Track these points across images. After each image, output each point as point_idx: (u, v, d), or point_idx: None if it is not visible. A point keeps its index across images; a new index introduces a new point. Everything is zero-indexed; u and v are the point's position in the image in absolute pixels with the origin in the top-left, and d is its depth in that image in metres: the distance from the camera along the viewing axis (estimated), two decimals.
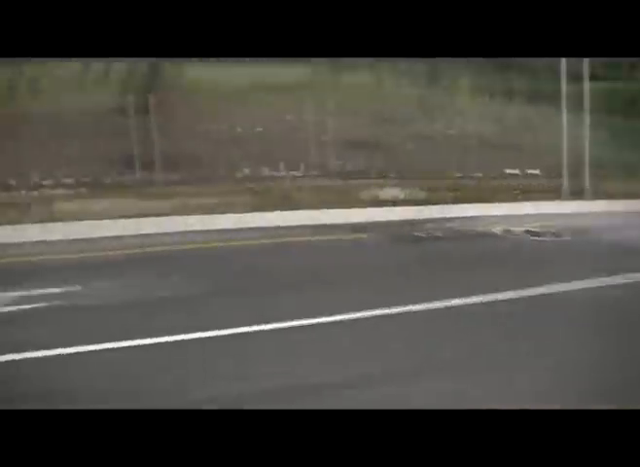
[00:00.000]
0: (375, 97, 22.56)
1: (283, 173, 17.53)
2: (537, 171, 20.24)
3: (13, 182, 15.45)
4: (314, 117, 18.08)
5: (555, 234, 13.51)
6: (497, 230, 13.99)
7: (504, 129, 23.18)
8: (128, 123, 16.70)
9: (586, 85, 20.48)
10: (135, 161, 16.18)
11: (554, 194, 19.40)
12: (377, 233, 13.13)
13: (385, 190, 16.42)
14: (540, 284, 8.37)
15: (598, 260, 10.91)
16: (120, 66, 19.68)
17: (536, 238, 13.27)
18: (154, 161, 16.62)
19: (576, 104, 23.16)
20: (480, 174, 19.90)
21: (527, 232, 13.80)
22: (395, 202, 16.02)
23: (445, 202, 16.81)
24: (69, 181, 15.92)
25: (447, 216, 15.14)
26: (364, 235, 12.87)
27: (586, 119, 24.25)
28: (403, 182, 17.40)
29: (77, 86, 20.60)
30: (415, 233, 13.29)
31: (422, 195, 16.97)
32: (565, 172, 19.42)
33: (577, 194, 19.68)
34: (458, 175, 19.40)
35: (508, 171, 20.75)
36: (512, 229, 14.05)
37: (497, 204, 17.23)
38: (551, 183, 19.85)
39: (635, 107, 31.19)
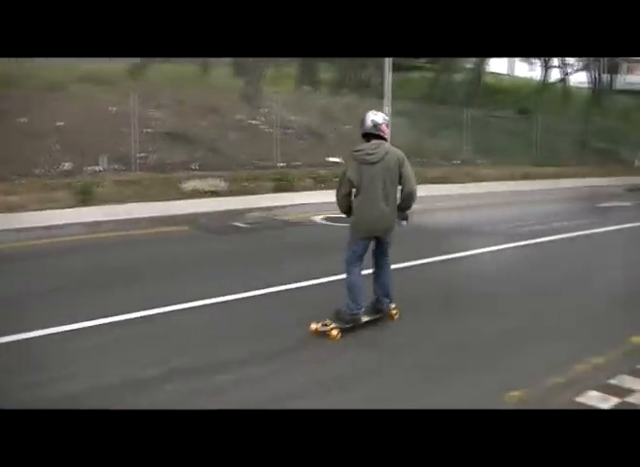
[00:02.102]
0: (200, 88, 22.73)
1: (105, 167, 17.32)
2: (339, 159, 20.96)
3: None
4: (138, 109, 18.02)
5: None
6: (317, 217, 14.54)
7: (326, 119, 23.89)
8: None
9: (391, 75, 21.38)
10: None
11: None
12: (199, 224, 13.34)
13: (207, 180, 16.56)
14: None
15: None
16: None
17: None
18: None
19: (399, 94, 24.25)
20: (303, 163, 20.34)
21: (339, 218, 14.41)
22: (217, 193, 16.22)
23: (268, 191, 17.24)
24: None
25: (270, 205, 15.55)
26: (185, 228, 13.04)
27: (410, 108, 25.63)
28: (225, 172, 17.59)
29: None
30: (237, 224, 13.62)
31: (245, 184, 17.28)
32: None
33: None
34: (281, 164, 19.77)
35: (330, 159, 21.34)
36: (331, 216, 14.65)
37: (320, 192, 17.82)
38: None
39: (453, 96, 32.94)
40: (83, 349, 6.44)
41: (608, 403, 5.41)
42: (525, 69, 53.47)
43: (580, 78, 48.05)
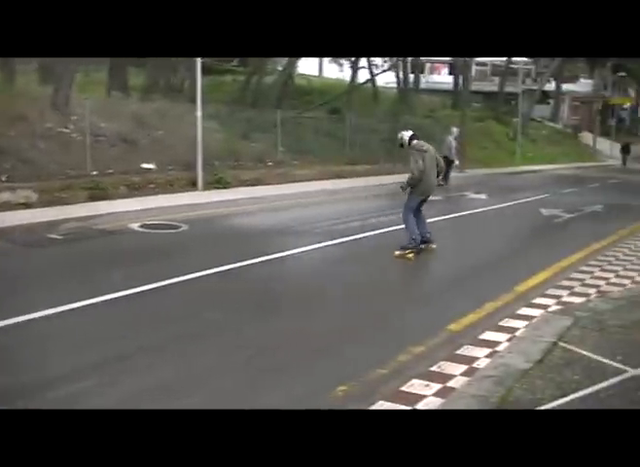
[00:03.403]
0: (5, 96, 22.10)
1: None
2: (153, 165, 21.14)
3: None
4: None
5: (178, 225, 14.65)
6: (134, 225, 14.61)
7: (139, 125, 23.77)
8: None
9: (202, 79, 21.74)
10: None
11: (192, 185, 20.44)
12: (11, 238, 13.06)
13: (18, 192, 16.18)
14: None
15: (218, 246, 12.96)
16: None
17: (168, 231, 14.24)
18: None
19: (211, 97, 24.54)
20: (116, 170, 20.22)
21: (157, 225, 14.70)
22: (29, 205, 15.90)
23: (83, 201, 17.04)
24: None
25: (85, 215, 15.45)
26: None
27: (222, 111, 26.02)
28: (37, 183, 17.23)
29: None
30: (52, 236, 13.42)
31: (58, 194, 17.00)
32: (200, 164, 20.49)
33: (212, 184, 20.94)
34: (94, 172, 19.57)
35: (144, 166, 21.33)
36: (148, 223, 14.80)
37: (135, 199, 17.85)
38: (189, 175, 20.85)
39: (265, 98, 33.57)
40: None
41: (431, 389, 5.97)
42: (335, 70, 55.17)
43: (387, 78, 50.15)
